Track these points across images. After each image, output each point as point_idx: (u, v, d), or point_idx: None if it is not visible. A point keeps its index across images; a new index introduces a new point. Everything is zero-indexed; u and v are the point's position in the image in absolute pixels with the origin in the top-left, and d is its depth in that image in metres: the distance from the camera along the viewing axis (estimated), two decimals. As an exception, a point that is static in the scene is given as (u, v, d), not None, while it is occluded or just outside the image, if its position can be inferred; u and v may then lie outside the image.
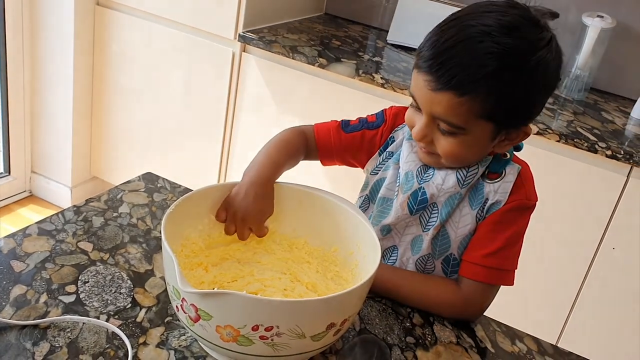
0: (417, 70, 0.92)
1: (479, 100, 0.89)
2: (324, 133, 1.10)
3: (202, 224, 0.95)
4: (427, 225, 1.03)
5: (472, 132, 0.92)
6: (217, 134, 2.34)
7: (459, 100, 0.89)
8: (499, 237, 0.98)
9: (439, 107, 0.91)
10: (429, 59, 0.90)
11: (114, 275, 0.94)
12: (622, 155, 1.74)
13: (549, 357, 0.97)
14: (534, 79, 0.90)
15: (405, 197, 1.02)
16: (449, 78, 0.88)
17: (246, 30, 2.16)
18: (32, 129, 2.66)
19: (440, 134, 0.94)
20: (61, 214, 1.07)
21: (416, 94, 0.94)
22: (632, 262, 1.83)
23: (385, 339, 0.93)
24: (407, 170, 1.03)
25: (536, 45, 0.89)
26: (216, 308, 0.73)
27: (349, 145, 1.10)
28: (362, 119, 1.11)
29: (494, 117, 0.91)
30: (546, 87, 0.94)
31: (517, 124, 0.95)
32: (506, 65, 0.87)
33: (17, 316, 0.83)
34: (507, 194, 0.99)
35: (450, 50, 0.88)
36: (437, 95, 0.90)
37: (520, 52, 0.88)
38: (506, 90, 0.89)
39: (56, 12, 2.39)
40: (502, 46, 0.86)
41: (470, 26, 0.89)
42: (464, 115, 0.90)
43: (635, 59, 2.21)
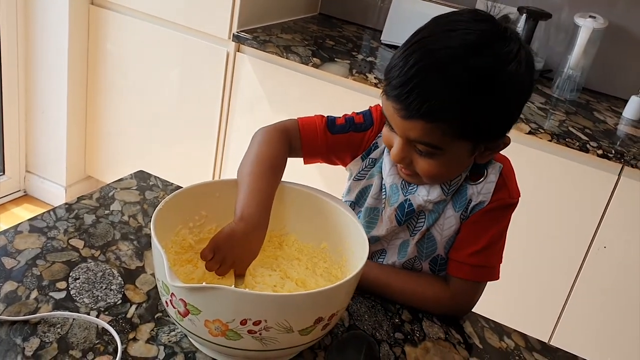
0: (386, 97, 0.90)
1: (452, 124, 0.87)
2: (310, 132, 1.06)
3: (192, 220, 0.95)
4: (414, 231, 1.04)
5: (449, 151, 0.91)
6: (211, 133, 2.34)
7: (431, 126, 0.87)
8: (483, 236, 0.99)
9: (413, 133, 0.89)
10: (396, 87, 0.87)
11: (104, 272, 0.95)
12: (613, 155, 1.75)
13: (536, 353, 0.98)
14: (506, 94, 0.88)
15: (392, 210, 1.03)
16: (417, 107, 0.85)
17: (240, 30, 2.17)
18: (27, 128, 2.66)
19: (417, 156, 0.93)
20: (53, 212, 1.07)
21: (389, 118, 0.92)
22: (623, 260, 1.84)
23: (374, 335, 0.93)
24: (391, 183, 1.03)
25: (504, 59, 0.86)
26: (205, 302, 0.74)
27: (335, 146, 1.07)
28: (349, 119, 1.07)
29: (470, 136, 0.90)
30: (520, 98, 0.93)
31: (496, 137, 0.94)
32: (475, 87, 0.85)
33: (8, 312, 0.84)
34: (490, 194, 0.99)
35: (416, 78, 0.85)
36: (409, 122, 0.88)
37: (488, 71, 0.85)
38: (479, 111, 0.87)
39: (50, 11, 2.39)
40: (469, 69, 0.84)
41: (434, 50, 0.86)
42: (438, 138, 0.88)
43: (627, 59, 2.23)
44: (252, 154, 1.00)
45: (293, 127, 1.06)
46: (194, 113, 2.36)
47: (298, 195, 0.99)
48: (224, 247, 0.88)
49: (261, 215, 0.91)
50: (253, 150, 1.01)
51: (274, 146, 1.01)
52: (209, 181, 0.97)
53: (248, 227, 0.89)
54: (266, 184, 0.95)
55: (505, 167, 1.01)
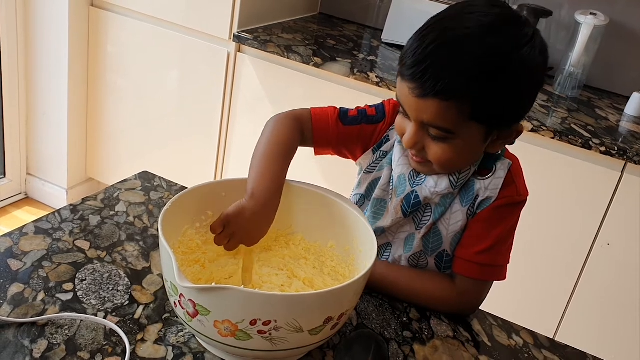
0: (401, 78, 0.91)
1: (466, 103, 0.87)
2: (322, 122, 1.07)
3: (198, 220, 0.95)
4: (420, 224, 1.03)
5: (462, 136, 0.91)
6: (212, 133, 2.34)
7: (446, 104, 0.87)
8: (491, 234, 0.99)
9: (427, 114, 0.89)
10: (412, 66, 0.88)
11: (111, 273, 0.95)
12: (616, 152, 1.75)
13: (545, 350, 0.97)
14: (519, 77, 0.89)
15: (398, 201, 1.03)
16: (433, 84, 0.86)
17: (241, 30, 2.17)
18: (27, 130, 2.65)
19: (430, 140, 0.93)
20: (58, 213, 1.07)
21: (402, 101, 0.92)
22: (627, 257, 1.84)
23: (383, 334, 0.93)
24: (399, 174, 1.03)
25: (519, 43, 0.88)
26: (214, 303, 0.73)
27: (347, 137, 1.07)
28: (361, 111, 1.08)
29: (484, 119, 0.90)
30: (533, 84, 0.93)
31: (508, 123, 0.94)
32: (490, 66, 0.86)
33: (15, 314, 0.83)
34: (498, 190, 0.98)
35: (433, 56, 0.86)
36: (424, 102, 0.88)
37: (503, 51, 0.86)
38: (492, 91, 0.87)
39: (50, 13, 2.39)
40: (484, 47, 0.86)
41: (450, 29, 0.87)
42: (453, 119, 0.89)
43: (628, 56, 2.22)
44: (265, 138, 1.02)
45: (305, 116, 1.08)
46: (195, 114, 2.36)
47: (305, 194, 0.99)
48: (234, 222, 0.90)
49: (272, 194, 0.93)
50: (266, 134, 1.03)
51: (287, 131, 1.03)
52: (214, 181, 0.97)
53: (258, 205, 0.91)
54: (278, 166, 0.97)
55: (514, 165, 1.01)
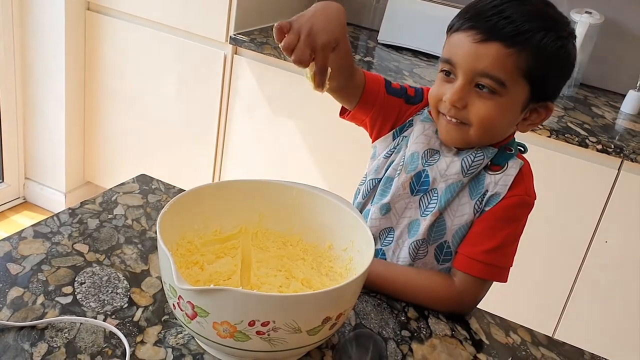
0: (458, 29, 0.95)
1: (524, 56, 0.92)
2: (374, 80, 1.08)
3: (197, 222, 0.95)
4: (425, 210, 1.03)
5: (510, 93, 0.95)
6: (210, 136, 2.34)
7: (506, 52, 0.92)
8: (498, 234, 0.99)
9: (485, 60, 0.93)
10: (476, 14, 0.94)
11: (110, 276, 0.95)
12: (612, 150, 1.75)
13: (543, 347, 0.98)
14: (566, 49, 0.95)
15: (408, 177, 1.03)
16: (499, 29, 0.91)
17: (237, 32, 2.17)
18: (25, 135, 2.66)
19: (476, 97, 0.95)
20: (56, 217, 1.07)
21: (456, 53, 0.95)
22: (625, 254, 1.84)
23: (381, 333, 0.93)
24: (413, 151, 1.04)
25: (568, 25, 0.96)
26: (213, 304, 0.74)
27: (387, 105, 1.09)
28: (402, 87, 1.11)
29: (533, 78, 0.94)
30: (570, 66, 0.99)
31: (545, 95, 0.98)
32: (548, 26, 0.93)
33: (15, 318, 0.84)
34: (507, 187, 0.99)
35: (499, 7, 0.92)
36: (484, 47, 0.92)
37: (560, 21, 0.95)
38: (547, 51, 0.92)
39: (47, 17, 2.39)
40: (543, 11, 0.94)
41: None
42: (509, 69, 0.93)
43: (623, 54, 2.23)
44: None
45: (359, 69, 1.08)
46: (193, 116, 2.36)
47: (302, 194, 0.99)
48: (302, 17, 0.90)
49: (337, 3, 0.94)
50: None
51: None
52: (212, 183, 0.97)
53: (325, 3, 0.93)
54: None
55: (526, 166, 1.03)
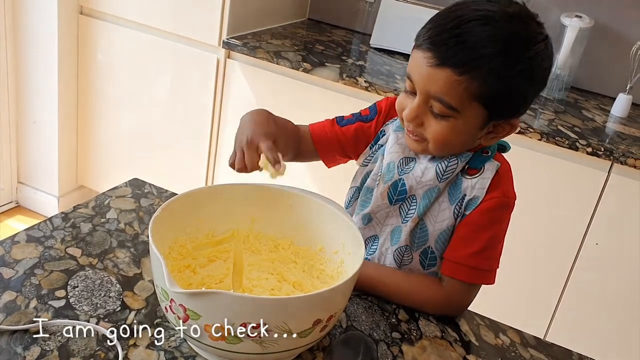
0: (418, 48, 0.94)
1: (477, 81, 0.90)
2: (320, 130, 1.13)
3: (189, 226, 0.96)
4: (406, 217, 1.04)
5: (464, 116, 0.93)
6: (203, 140, 2.35)
7: (457, 79, 0.90)
8: (481, 237, 1.00)
9: (437, 85, 0.92)
10: (433, 36, 0.92)
11: (102, 280, 0.96)
12: (602, 152, 1.77)
13: (531, 348, 0.99)
14: (530, 69, 0.92)
15: (385, 187, 1.04)
16: (452, 53, 0.90)
17: (230, 36, 2.18)
18: (18, 139, 2.66)
19: (431, 117, 0.95)
20: (49, 221, 1.08)
21: (414, 72, 0.95)
22: (615, 256, 1.86)
23: (372, 335, 0.94)
24: (389, 161, 1.05)
25: (535, 38, 0.92)
26: (204, 307, 0.74)
27: (345, 138, 1.11)
28: (355, 113, 1.13)
29: (488, 102, 0.93)
30: (538, 82, 0.97)
31: (507, 114, 0.97)
32: (507, 50, 0.89)
33: (8, 322, 0.84)
34: (485, 190, 0.99)
35: (454, 30, 0.90)
36: (436, 71, 0.91)
37: (521, 40, 0.91)
38: (504, 75, 0.91)
39: (39, 22, 2.40)
40: (505, 31, 0.90)
41: (475, 10, 0.91)
42: (460, 96, 0.91)
43: (613, 58, 2.25)
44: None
45: (304, 128, 1.14)
46: (186, 120, 2.37)
47: (293, 198, 1.00)
48: (238, 135, 0.98)
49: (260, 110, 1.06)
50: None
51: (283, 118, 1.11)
52: (204, 187, 0.98)
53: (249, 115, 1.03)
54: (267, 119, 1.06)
55: (503, 168, 1.02)
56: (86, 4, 2.40)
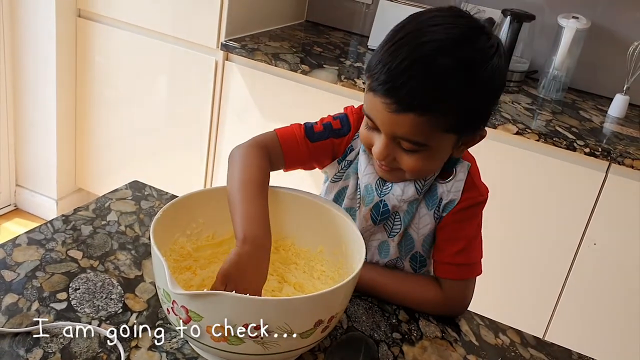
0: (373, 93, 0.90)
1: (442, 116, 0.88)
2: (291, 144, 1.05)
3: (189, 228, 0.96)
4: (391, 232, 1.05)
5: (435, 146, 0.92)
6: (201, 142, 2.35)
7: (421, 119, 0.88)
8: (461, 235, 1.02)
9: (402, 128, 0.89)
10: (386, 82, 0.87)
11: (104, 282, 0.96)
12: (600, 153, 1.78)
13: (531, 348, 0.99)
14: (489, 86, 0.91)
15: (367, 210, 1.05)
16: (409, 100, 0.86)
17: (228, 38, 2.19)
18: (16, 141, 2.66)
19: (402, 152, 0.93)
20: (50, 224, 1.08)
21: (374, 115, 0.92)
22: (613, 256, 1.87)
23: (372, 336, 0.95)
24: (366, 183, 1.05)
25: (487, 53, 0.89)
26: (206, 309, 0.75)
27: (316, 153, 1.07)
28: (327, 125, 1.07)
29: (456, 129, 0.91)
30: (500, 89, 0.96)
31: (476, 129, 0.96)
32: (464, 79, 0.87)
33: (10, 324, 0.84)
34: (460, 192, 1.01)
35: (407, 72, 0.86)
36: (398, 117, 0.88)
37: (475, 63, 0.87)
38: (467, 103, 0.89)
39: (37, 25, 2.40)
40: (458, 61, 0.86)
41: (422, 43, 0.87)
42: (427, 132, 0.89)
43: (610, 58, 2.26)
44: (238, 176, 0.97)
45: (271, 141, 1.05)
46: (184, 122, 2.37)
47: (293, 200, 1.00)
48: (234, 276, 0.84)
49: (265, 236, 0.90)
50: (237, 173, 0.98)
51: (257, 165, 1.00)
52: (205, 189, 0.98)
53: (253, 248, 0.87)
54: (259, 204, 0.94)
55: (473, 167, 1.03)
56: (84, 7, 2.40)
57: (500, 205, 1.93)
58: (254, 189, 0.96)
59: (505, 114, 1.92)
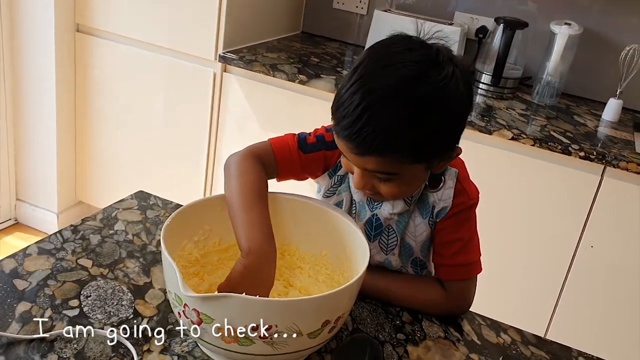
0: (337, 135, 0.92)
1: (405, 153, 0.90)
2: (285, 154, 1.07)
3: (196, 235, 0.99)
4: (388, 249, 1.08)
5: (408, 173, 0.94)
6: (201, 153, 2.38)
7: (384, 159, 0.90)
8: (457, 238, 1.05)
9: (370, 165, 0.92)
10: (345, 127, 0.88)
11: (114, 289, 0.98)
12: (594, 156, 1.81)
13: (532, 346, 1.02)
14: (450, 114, 0.90)
15: (361, 225, 1.08)
16: (368, 144, 0.87)
17: (226, 50, 2.22)
18: (16, 156, 2.68)
19: (378, 181, 0.96)
20: (59, 234, 1.10)
21: (343, 152, 0.94)
22: (610, 258, 1.89)
23: (377, 337, 0.97)
24: (358, 200, 1.08)
25: (444, 85, 0.88)
26: (217, 311, 0.77)
27: (308, 165, 1.09)
28: (319, 137, 1.08)
29: (423, 159, 0.93)
30: (464, 113, 0.95)
31: (447, 151, 0.96)
32: (421, 116, 0.87)
33: (24, 331, 0.87)
34: (451, 199, 1.04)
35: (362, 117, 0.86)
36: (364, 158, 0.90)
37: (430, 100, 0.87)
38: (427, 136, 0.89)
39: (36, 40, 2.43)
40: (411, 101, 0.86)
41: (375, 89, 0.87)
42: (395, 166, 0.91)
43: (603, 63, 2.30)
44: (235, 187, 0.99)
45: (265, 150, 1.07)
46: (184, 134, 2.40)
47: (296, 205, 1.03)
48: (242, 286, 0.86)
49: (269, 244, 0.91)
50: (234, 182, 1.00)
51: (254, 173, 1.02)
52: (210, 196, 1.01)
53: (259, 259, 0.89)
54: (261, 213, 0.95)
55: (461, 172, 1.05)
56: (82, 22, 2.43)
57: (498, 211, 1.95)
58: (254, 198, 0.97)
59: (500, 120, 1.95)
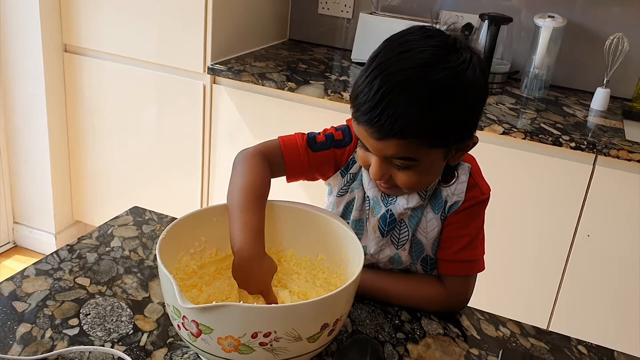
0: (357, 122, 0.94)
1: (425, 137, 0.91)
2: (293, 152, 1.09)
3: (193, 246, 0.99)
4: (399, 244, 1.09)
5: (427, 160, 0.95)
6: (195, 166, 2.38)
7: (405, 142, 0.91)
8: (464, 233, 1.05)
9: (390, 150, 0.93)
10: (365, 112, 0.91)
11: (113, 305, 0.99)
12: (585, 146, 1.82)
13: (531, 337, 1.02)
14: (468, 100, 0.93)
15: (375, 221, 1.08)
16: (389, 128, 0.89)
17: (214, 62, 2.22)
18: (11, 179, 2.68)
19: (396, 170, 0.97)
20: (56, 254, 1.11)
21: (363, 139, 0.95)
22: (608, 246, 1.90)
23: (377, 337, 0.98)
24: (372, 196, 1.08)
25: (460, 69, 0.90)
26: (216, 321, 0.78)
27: (318, 163, 1.10)
28: (329, 136, 1.11)
29: (442, 144, 0.95)
30: (480, 100, 0.98)
31: (465, 139, 0.99)
32: (440, 100, 0.89)
33: (26, 352, 0.87)
34: (464, 194, 1.05)
35: (382, 101, 0.89)
36: (384, 142, 0.92)
37: (448, 84, 0.89)
38: (446, 121, 0.91)
39: (25, 62, 2.43)
40: (430, 85, 0.88)
41: (394, 73, 0.89)
42: (414, 151, 0.93)
43: (588, 54, 2.32)
44: (237, 185, 1.02)
45: (274, 149, 1.09)
46: (176, 148, 2.40)
47: (290, 212, 1.03)
48: (239, 276, 0.95)
49: (255, 245, 0.95)
50: (238, 178, 1.04)
51: (258, 173, 1.04)
52: (205, 208, 1.01)
53: (242, 260, 0.94)
54: (254, 216, 0.98)
55: (474, 167, 1.07)
56: (70, 42, 2.44)
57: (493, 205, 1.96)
58: (253, 197, 1.00)
59: (490, 115, 1.96)
